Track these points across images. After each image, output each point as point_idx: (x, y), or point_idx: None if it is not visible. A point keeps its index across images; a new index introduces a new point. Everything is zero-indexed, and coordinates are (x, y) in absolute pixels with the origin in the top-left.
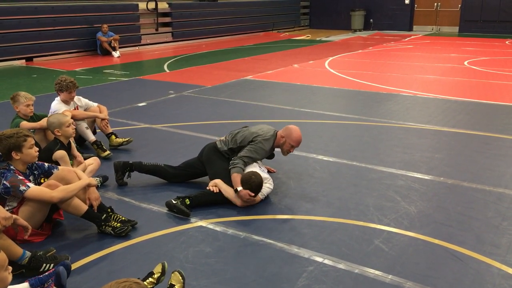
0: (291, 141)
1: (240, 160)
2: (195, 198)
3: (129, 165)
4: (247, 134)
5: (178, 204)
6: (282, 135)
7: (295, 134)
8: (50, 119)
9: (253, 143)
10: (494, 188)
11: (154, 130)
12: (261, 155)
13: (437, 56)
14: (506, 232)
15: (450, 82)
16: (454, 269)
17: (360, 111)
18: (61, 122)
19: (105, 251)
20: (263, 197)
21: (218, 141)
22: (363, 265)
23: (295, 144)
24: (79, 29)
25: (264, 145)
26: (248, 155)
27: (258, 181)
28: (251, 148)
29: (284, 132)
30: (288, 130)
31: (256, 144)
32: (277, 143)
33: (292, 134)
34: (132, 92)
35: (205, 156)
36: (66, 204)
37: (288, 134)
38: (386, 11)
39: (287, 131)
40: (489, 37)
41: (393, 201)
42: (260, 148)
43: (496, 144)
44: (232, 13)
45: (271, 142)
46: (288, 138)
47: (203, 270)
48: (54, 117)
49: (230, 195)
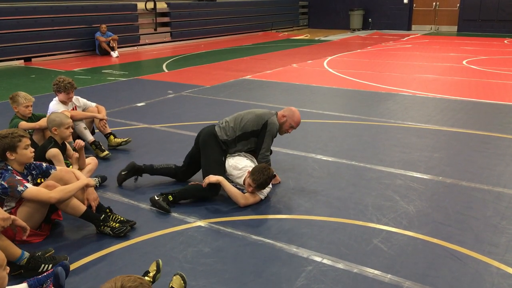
0: (292, 122)
1: (268, 152)
2: (178, 194)
3: (142, 171)
4: (252, 119)
5: (160, 200)
6: (284, 114)
7: (297, 115)
8: (52, 116)
9: (268, 127)
10: (493, 187)
11: (153, 130)
12: (274, 136)
13: (435, 55)
14: (505, 231)
15: (449, 82)
16: (453, 268)
17: (359, 111)
18: (62, 122)
19: (103, 251)
20: (263, 197)
21: (218, 127)
22: (362, 264)
23: (295, 125)
24: (78, 29)
25: (276, 125)
26: (269, 141)
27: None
28: (269, 131)
29: (286, 112)
30: (290, 110)
31: (272, 127)
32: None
33: (294, 115)
34: (130, 92)
35: (202, 140)
36: (64, 205)
37: (291, 114)
38: (385, 11)
39: (290, 111)
40: (487, 36)
41: (392, 201)
42: (274, 129)
43: (495, 143)
44: (231, 13)
45: (277, 122)
46: (290, 119)
47: (202, 270)
48: (57, 115)
49: (233, 194)
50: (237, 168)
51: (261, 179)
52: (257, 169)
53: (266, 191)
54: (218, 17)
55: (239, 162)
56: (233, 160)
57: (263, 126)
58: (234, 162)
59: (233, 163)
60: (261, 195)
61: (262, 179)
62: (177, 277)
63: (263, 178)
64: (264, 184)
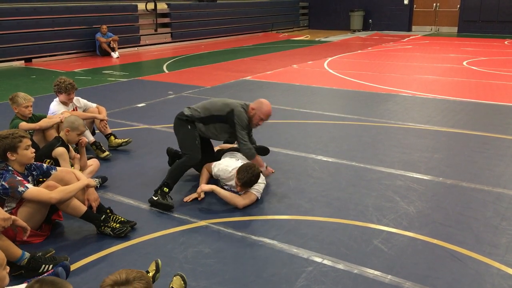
0: (261, 114)
1: (247, 141)
2: (169, 180)
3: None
4: (220, 104)
5: (159, 199)
6: (253, 107)
7: (265, 106)
8: (72, 118)
9: (236, 118)
10: (493, 188)
11: (153, 131)
12: (245, 128)
13: (436, 56)
14: (505, 232)
15: (449, 82)
16: (453, 269)
17: (359, 112)
18: (77, 128)
19: (104, 252)
20: (259, 195)
21: (187, 108)
22: (362, 265)
23: (264, 117)
24: (78, 30)
25: (244, 116)
26: (242, 131)
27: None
28: (238, 123)
29: (255, 104)
30: (259, 102)
31: (239, 118)
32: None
33: (262, 107)
34: (131, 92)
35: (174, 124)
36: (65, 205)
37: (259, 107)
38: (385, 12)
39: (258, 104)
40: (488, 37)
41: (392, 201)
42: (243, 119)
43: (495, 144)
44: (231, 14)
45: (245, 114)
46: (259, 111)
47: (202, 270)
48: (77, 119)
49: (229, 198)
50: (227, 171)
51: (245, 178)
52: (242, 168)
53: (259, 188)
54: (218, 18)
55: (229, 164)
56: (223, 163)
57: (228, 114)
58: (224, 166)
59: (223, 166)
60: (257, 193)
61: (246, 177)
62: (177, 277)
63: (247, 176)
64: (249, 182)
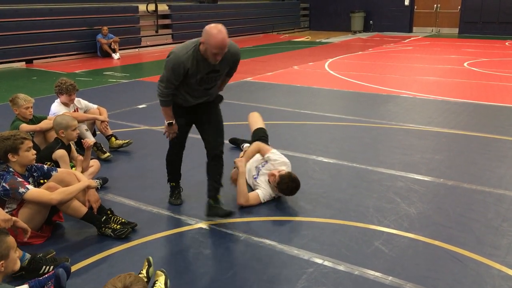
0: (210, 47)
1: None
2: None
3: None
4: None
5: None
6: (202, 40)
7: (213, 37)
8: (58, 119)
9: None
10: (494, 189)
11: (155, 132)
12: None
13: (437, 57)
14: (506, 234)
15: (450, 84)
16: (454, 270)
17: (360, 113)
18: (68, 125)
19: (104, 253)
20: (263, 201)
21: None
22: (363, 266)
23: (214, 49)
24: (79, 31)
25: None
26: (164, 73)
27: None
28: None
29: (204, 36)
30: (206, 34)
31: (169, 59)
32: (202, 52)
33: (210, 38)
34: (132, 94)
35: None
36: (65, 206)
37: (206, 38)
38: (386, 13)
39: (205, 35)
40: (488, 38)
41: (393, 203)
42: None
43: (496, 145)
44: (232, 15)
45: (187, 56)
46: (207, 44)
47: (203, 272)
48: (63, 118)
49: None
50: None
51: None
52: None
53: (266, 197)
54: (219, 19)
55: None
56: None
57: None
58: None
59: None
60: (262, 198)
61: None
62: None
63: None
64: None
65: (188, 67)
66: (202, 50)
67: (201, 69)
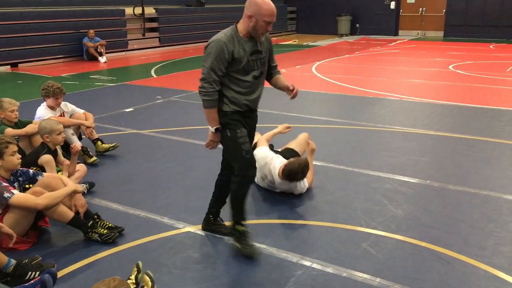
0: (264, 16)
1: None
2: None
3: None
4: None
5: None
6: (249, 14)
7: (265, 6)
8: (42, 123)
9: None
10: (480, 190)
11: (141, 136)
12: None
13: (422, 60)
14: (492, 234)
15: (436, 86)
16: (441, 271)
17: (347, 115)
18: (52, 129)
19: (91, 258)
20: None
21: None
22: (351, 268)
23: (269, 18)
24: (65, 35)
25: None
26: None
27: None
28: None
29: (250, 8)
30: (251, 3)
31: (210, 47)
32: (246, 31)
33: (261, 6)
34: (119, 97)
35: None
36: (51, 211)
37: (257, 9)
38: (372, 16)
39: (254, 6)
40: (473, 41)
41: (380, 205)
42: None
43: (481, 147)
44: (220, 18)
45: (227, 37)
46: (259, 15)
47: (191, 276)
48: (47, 122)
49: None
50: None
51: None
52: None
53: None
54: (207, 22)
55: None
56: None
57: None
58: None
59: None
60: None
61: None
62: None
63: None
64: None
65: (232, 49)
66: (246, 28)
67: (245, 48)
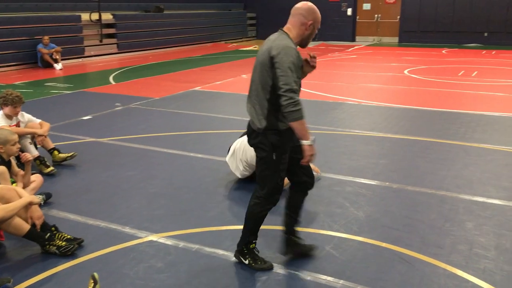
0: (318, 24)
1: (293, 93)
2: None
3: None
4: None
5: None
6: (310, 22)
7: (318, 14)
8: None
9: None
10: (436, 191)
11: (100, 144)
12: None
13: (379, 65)
14: (449, 233)
15: (392, 90)
16: (401, 271)
17: (308, 120)
18: (7, 139)
19: (49, 271)
20: None
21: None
22: (315, 271)
23: (319, 24)
24: (19, 41)
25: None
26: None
27: None
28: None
29: (310, 16)
30: (311, 11)
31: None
32: (298, 39)
33: (317, 14)
34: (76, 105)
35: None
36: (6, 224)
37: (316, 16)
38: (330, 23)
39: (312, 13)
40: (427, 46)
41: (342, 207)
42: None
43: (436, 148)
44: (179, 24)
45: (293, 46)
46: (317, 23)
47: (154, 286)
48: (1, 132)
49: None
50: None
51: None
52: None
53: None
54: (166, 29)
55: None
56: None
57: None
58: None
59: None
60: None
61: None
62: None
63: None
64: None
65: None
66: (300, 35)
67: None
